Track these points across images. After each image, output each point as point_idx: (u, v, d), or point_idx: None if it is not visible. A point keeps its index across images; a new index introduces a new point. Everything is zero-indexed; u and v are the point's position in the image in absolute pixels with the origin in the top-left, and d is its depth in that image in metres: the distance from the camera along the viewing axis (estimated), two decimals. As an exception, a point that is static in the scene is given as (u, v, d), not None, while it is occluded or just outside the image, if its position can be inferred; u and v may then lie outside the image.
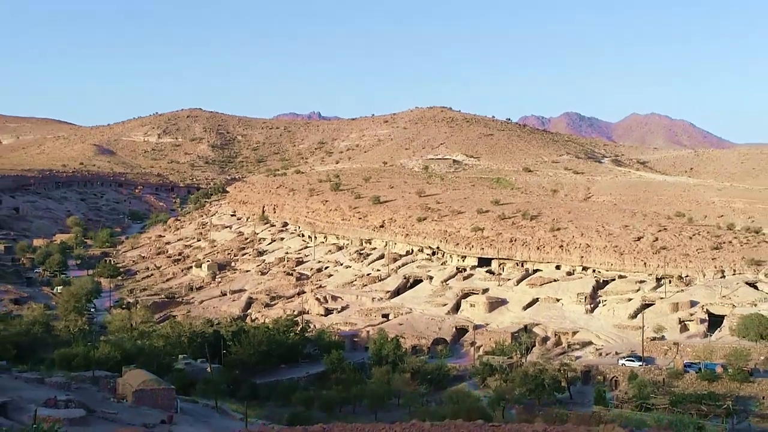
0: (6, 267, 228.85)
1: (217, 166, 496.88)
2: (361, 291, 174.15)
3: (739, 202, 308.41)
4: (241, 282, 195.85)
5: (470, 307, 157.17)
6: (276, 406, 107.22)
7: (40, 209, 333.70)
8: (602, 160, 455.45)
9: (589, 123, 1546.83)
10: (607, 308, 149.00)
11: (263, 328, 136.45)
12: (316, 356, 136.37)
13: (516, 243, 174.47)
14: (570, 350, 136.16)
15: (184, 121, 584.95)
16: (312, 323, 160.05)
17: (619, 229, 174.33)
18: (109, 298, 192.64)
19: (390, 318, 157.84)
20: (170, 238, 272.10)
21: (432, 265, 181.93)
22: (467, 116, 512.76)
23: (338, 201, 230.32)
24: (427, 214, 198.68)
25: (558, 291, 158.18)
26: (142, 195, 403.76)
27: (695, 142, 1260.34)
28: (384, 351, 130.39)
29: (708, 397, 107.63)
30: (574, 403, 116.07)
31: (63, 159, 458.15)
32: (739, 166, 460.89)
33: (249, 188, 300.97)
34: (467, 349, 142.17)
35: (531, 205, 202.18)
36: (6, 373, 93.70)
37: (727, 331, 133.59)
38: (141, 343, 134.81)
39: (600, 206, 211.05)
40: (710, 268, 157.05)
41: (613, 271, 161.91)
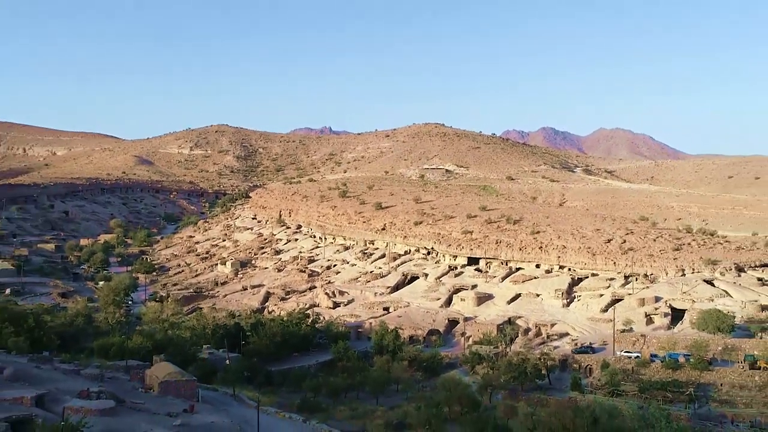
0: (56, 264, 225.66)
1: (241, 175, 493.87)
2: (365, 286, 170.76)
3: (694, 207, 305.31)
4: (260, 278, 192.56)
5: (461, 302, 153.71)
6: (288, 392, 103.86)
7: (87, 212, 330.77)
8: (575, 170, 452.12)
9: (563, 137, 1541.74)
10: (581, 303, 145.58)
11: (278, 321, 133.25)
12: (325, 345, 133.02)
13: (501, 244, 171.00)
14: (549, 341, 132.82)
15: (212, 135, 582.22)
16: (322, 315, 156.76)
17: (591, 232, 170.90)
18: (144, 292, 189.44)
19: (390, 311, 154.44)
20: (199, 238, 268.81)
21: (427, 264, 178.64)
22: (458, 131, 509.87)
23: (345, 206, 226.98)
24: (423, 218, 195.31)
25: (538, 287, 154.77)
26: (175, 200, 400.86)
27: (654, 153, 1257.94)
28: (385, 341, 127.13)
29: (672, 385, 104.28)
30: (553, 389, 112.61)
31: (108, 168, 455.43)
32: (693, 174, 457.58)
33: (268, 194, 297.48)
34: (458, 339, 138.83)
35: (514, 210, 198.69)
36: (48, 363, 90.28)
37: (688, 324, 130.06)
38: (171, 333, 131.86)
39: (574, 211, 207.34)
40: (672, 267, 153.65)
41: (587, 269, 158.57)
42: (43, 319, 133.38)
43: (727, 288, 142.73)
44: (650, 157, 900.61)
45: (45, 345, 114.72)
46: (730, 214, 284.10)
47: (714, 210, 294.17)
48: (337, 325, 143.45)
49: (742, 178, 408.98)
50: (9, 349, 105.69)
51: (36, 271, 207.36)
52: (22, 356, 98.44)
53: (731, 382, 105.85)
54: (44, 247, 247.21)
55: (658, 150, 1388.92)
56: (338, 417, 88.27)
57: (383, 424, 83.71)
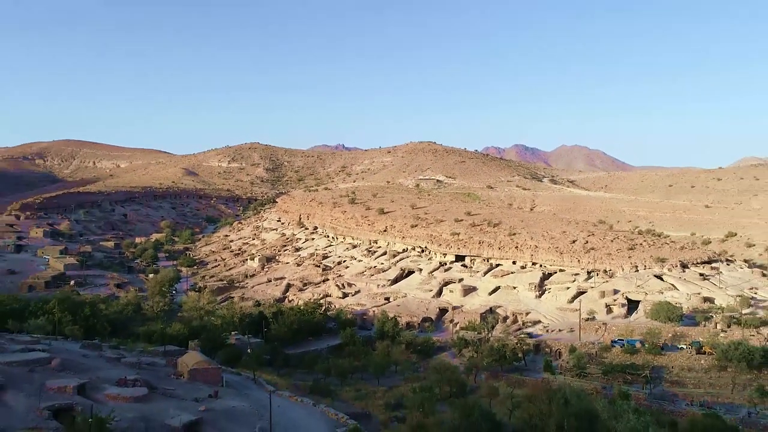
0: (114, 259, 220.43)
1: (270, 184, 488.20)
2: (370, 279, 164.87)
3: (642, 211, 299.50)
4: (282, 271, 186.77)
5: (450, 293, 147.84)
6: (302, 374, 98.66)
7: (142, 215, 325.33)
8: (543, 180, 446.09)
9: (532, 152, 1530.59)
10: (551, 294, 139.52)
11: (296, 309, 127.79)
12: (336, 330, 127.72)
13: (483, 244, 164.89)
14: (524, 327, 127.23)
15: (246, 151, 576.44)
16: (333, 304, 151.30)
17: (559, 234, 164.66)
18: (186, 282, 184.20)
19: (390, 300, 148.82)
20: (233, 237, 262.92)
21: (421, 260, 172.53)
22: (447, 148, 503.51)
23: (353, 211, 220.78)
24: (418, 222, 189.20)
25: (515, 281, 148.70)
26: (215, 205, 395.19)
27: (606, 165, 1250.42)
28: (385, 327, 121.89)
29: (630, 367, 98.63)
30: (528, 370, 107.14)
31: (160, 178, 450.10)
32: (640, 183, 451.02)
33: (291, 200, 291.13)
34: (447, 325, 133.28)
35: (494, 215, 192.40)
36: (96, 350, 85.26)
37: (642, 314, 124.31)
38: (205, 320, 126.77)
39: (544, 216, 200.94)
40: (627, 264, 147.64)
41: (555, 266, 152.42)
42: (99, 308, 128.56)
43: (674, 282, 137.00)
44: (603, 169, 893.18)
45: (98, 331, 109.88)
46: (671, 217, 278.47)
47: (659, 213, 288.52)
48: (345, 312, 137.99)
49: (680, 186, 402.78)
50: (66, 335, 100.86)
51: (97, 265, 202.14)
52: (76, 342, 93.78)
53: (681, 365, 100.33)
54: (105, 244, 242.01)
55: (609, 162, 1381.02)
56: (344, 398, 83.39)
57: (383, 405, 79.08)
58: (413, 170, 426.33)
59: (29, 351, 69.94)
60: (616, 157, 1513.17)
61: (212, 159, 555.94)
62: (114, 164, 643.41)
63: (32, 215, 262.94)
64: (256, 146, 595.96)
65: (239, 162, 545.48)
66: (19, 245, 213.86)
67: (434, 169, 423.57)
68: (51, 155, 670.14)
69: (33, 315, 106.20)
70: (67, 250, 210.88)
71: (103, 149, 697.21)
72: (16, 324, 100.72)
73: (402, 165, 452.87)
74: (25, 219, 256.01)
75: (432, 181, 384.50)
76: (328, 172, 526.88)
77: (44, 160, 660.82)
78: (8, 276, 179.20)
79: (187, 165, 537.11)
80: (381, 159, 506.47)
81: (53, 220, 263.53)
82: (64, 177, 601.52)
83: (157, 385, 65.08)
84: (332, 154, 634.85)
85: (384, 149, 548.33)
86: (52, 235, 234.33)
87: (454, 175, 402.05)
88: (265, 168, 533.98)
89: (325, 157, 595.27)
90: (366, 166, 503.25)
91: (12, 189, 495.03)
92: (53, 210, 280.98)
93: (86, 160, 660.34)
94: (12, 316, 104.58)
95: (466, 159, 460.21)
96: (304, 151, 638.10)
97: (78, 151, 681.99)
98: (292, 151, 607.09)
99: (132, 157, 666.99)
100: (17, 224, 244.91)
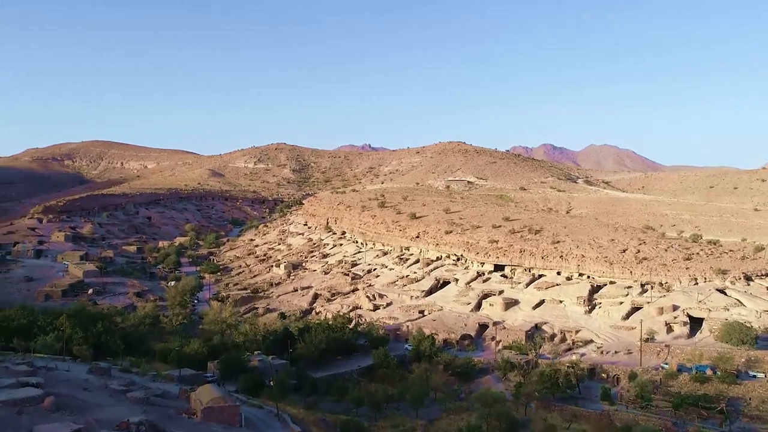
0: (136, 264, 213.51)
1: (296, 185, 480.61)
2: (402, 290, 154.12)
3: (686, 215, 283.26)
4: (309, 280, 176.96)
5: (489, 306, 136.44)
6: (331, 402, 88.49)
7: (167, 218, 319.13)
8: (577, 180, 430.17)
9: (560, 151, 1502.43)
10: (603, 310, 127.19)
11: (324, 325, 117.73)
12: (366, 348, 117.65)
13: (524, 253, 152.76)
14: (575, 347, 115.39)
15: (273, 152, 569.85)
16: (363, 317, 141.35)
17: (607, 242, 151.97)
18: (209, 290, 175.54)
19: (425, 314, 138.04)
20: (258, 242, 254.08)
21: (457, 270, 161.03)
22: (477, 148, 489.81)
23: (383, 216, 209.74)
24: (453, 228, 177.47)
25: (560, 294, 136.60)
26: (241, 206, 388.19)
27: (637, 165, 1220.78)
28: (422, 347, 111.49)
29: (703, 399, 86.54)
30: (583, 398, 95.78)
31: (186, 180, 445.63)
32: (678, 185, 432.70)
33: (318, 203, 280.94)
34: (488, 343, 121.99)
35: (534, 221, 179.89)
36: (102, 376, 76.42)
37: (708, 334, 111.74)
38: (226, 336, 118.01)
39: (588, 222, 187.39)
40: (685, 276, 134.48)
41: (605, 277, 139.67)
42: (114, 321, 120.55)
43: (740, 297, 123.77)
44: (634, 169, 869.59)
45: (111, 350, 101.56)
46: (719, 221, 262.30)
47: (704, 217, 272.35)
48: (377, 328, 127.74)
49: (722, 188, 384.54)
50: (74, 356, 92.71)
51: (118, 271, 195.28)
52: (83, 364, 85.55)
53: (760, 397, 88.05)
54: (127, 249, 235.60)
55: (640, 162, 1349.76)
56: (380, 436, 73.02)
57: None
58: (443, 171, 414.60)
59: (21, 386, 60.82)
60: (647, 157, 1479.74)
61: (238, 160, 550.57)
62: (141, 165, 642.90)
63: (55, 218, 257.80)
64: (283, 147, 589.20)
65: (265, 163, 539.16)
66: (39, 250, 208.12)
67: (464, 170, 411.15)
68: (79, 156, 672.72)
69: (42, 331, 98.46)
70: (88, 256, 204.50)
71: (130, 150, 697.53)
72: (21, 343, 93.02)
73: (431, 166, 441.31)
74: (47, 222, 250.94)
75: (463, 182, 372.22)
76: (356, 173, 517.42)
77: (73, 161, 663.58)
78: (25, 283, 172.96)
79: (213, 166, 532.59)
80: (409, 159, 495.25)
81: (76, 223, 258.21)
82: (92, 178, 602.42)
83: (165, 427, 55.60)
84: (359, 155, 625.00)
85: (412, 149, 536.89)
86: (74, 239, 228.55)
87: (485, 176, 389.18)
88: (292, 169, 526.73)
89: (352, 157, 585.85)
90: (394, 167, 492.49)
91: (41, 190, 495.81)
92: (76, 213, 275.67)
93: (114, 161, 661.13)
94: (19, 334, 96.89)
95: (497, 159, 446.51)
96: (331, 152, 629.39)
97: (106, 152, 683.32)
98: (318, 152, 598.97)
99: (159, 158, 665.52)
100: (39, 228, 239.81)
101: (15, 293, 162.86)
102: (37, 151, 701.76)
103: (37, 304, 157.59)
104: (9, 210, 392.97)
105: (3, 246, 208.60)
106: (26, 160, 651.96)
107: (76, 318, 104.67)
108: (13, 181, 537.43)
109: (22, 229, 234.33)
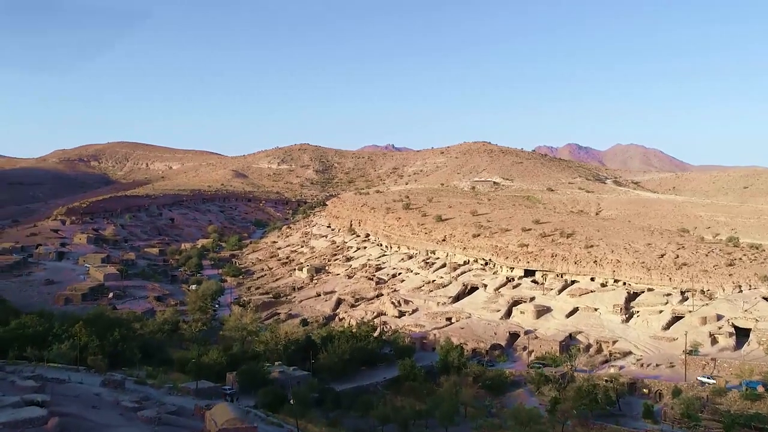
0: (157, 267, 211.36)
1: (319, 186, 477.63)
2: (428, 296, 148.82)
3: (722, 216, 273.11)
4: (332, 284, 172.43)
5: (520, 314, 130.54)
6: (356, 418, 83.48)
7: (190, 219, 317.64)
8: (606, 181, 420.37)
9: (586, 151, 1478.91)
10: (641, 319, 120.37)
11: (347, 333, 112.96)
12: (391, 358, 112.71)
13: (556, 258, 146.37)
14: (612, 359, 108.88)
15: (296, 152, 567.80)
16: (388, 324, 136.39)
17: (643, 247, 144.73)
18: (230, 294, 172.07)
19: (453, 321, 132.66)
20: (281, 244, 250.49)
21: (485, 275, 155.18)
22: (502, 148, 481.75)
23: (408, 218, 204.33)
24: (481, 231, 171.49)
25: (595, 301, 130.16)
26: (264, 207, 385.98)
27: (664, 164, 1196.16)
28: (450, 357, 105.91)
29: (757, 419, 79.79)
30: (623, 416, 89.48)
31: (209, 181, 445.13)
32: (711, 185, 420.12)
33: (341, 204, 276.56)
34: (520, 354, 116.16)
35: (565, 224, 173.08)
36: (116, 390, 72.39)
37: (756, 345, 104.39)
38: (249, 339, 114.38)
39: (623, 225, 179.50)
40: (728, 283, 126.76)
41: (642, 284, 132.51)
42: (132, 328, 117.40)
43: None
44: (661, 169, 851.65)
45: (127, 358, 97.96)
46: (757, 223, 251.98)
47: (741, 219, 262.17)
48: (402, 336, 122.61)
49: (757, 188, 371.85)
50: (89, 366, 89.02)
51: (139, 274, 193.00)
52: (97, 376, 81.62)
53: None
54: (150, 251, 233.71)
55: (667, 162, 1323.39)
56: (408, 460, 67.83)
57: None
58: (468, 172, 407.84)
59: (25, 406, 56.71)
60: (675, 156, 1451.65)
61: (262, 160, 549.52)
62: (166, 166, 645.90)
63: (78, 220, 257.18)
64: (306, 147, 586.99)
65: (289, 163, 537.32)
66: (61, 252, 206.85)
67: (490, 170, 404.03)
68: (105, 157, 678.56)
69: (57, 339, 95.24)
70: (110, 258, 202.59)
71: (155, 151, 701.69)
72: (35, 352, 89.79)
73: (456, 166, 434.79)
74: (70, 224, 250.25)
75: (488, 183, 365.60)
76: (379, 173, 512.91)
77: (99, 162, 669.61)
78: (46, 286, 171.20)
79: (236, 167, 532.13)
80: (434, 160, 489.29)
81: (99, 225, 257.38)
82: (117, 179, 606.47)
83: (177, 451, 51.18)
84: (383, 155, 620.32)
85: (437, 150, 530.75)
86: (96, 242, 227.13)
87: (512, 176, 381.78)
88: (315, 170, 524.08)
89: (375, 158, 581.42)
90: (418, 168, 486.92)
91: (67, 191, 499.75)
92: (99, 214, 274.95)
93: (139, 162, 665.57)
94: (34, 341, 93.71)
95: (523, 159, 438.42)
96: (355, 152, 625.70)
97: (131, 153, 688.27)
98: (342, 152, 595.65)
99: (184, 159, 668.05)
100: (62, 230, 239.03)
101: (35, 296, 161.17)
102: (64, 152, 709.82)
103: (57, 308, 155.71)
104: (35, 211, 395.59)
105: (26, 248, 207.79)
106: (53, 161, 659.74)
107: (94, 324, 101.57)
108: (40, 182, 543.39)
109: (45, 231, 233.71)
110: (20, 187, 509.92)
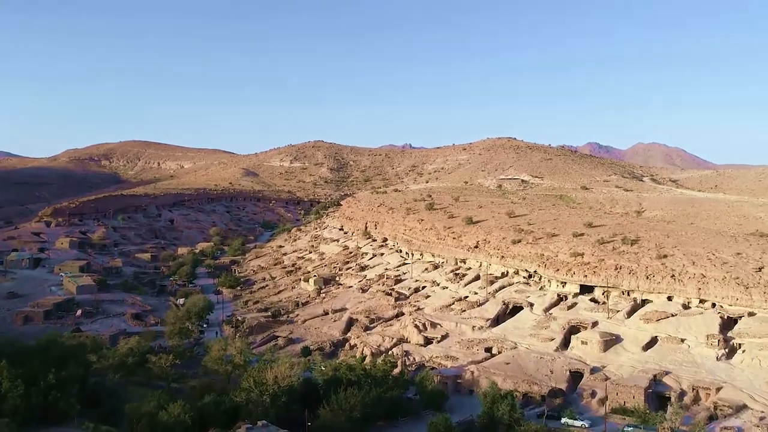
0: (145, 275, 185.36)
1: (334, 185, 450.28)
2: (460, 317, 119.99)
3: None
4: (343, 299, 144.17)
5: (581, 345, 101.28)
6: None
7: (191, 221, 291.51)
8: (643, 179, 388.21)
9: (606, 150, 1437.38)
10: (749, 356, 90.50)
11: (359, 373, 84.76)
12: (417, 407, 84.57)
13: (622, 270, 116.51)
14: (719, 414, 79.30)
15: (309, 150, 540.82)
16: (411, 354, 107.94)
17: (732, 258, 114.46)
18: (221, 311, 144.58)
19: (493, 352, 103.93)
20: (287, 249, 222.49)
21: (530, 290, 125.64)
22: (529, 144, 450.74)
23: (433, 220, 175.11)
24: (521, 236, 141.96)
25: (679, 329, 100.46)
26: (274, 207, 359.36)
27: (687, 163, 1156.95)
28: (498, 411, 76.90)
29: None
30: None
31: (218, 180, 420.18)
32: (757, 183, 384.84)
33: (356, 204, 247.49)
34: (587, 401, 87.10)
35: (625, 228, 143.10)
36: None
37: None
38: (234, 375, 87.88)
39: (701, 231, 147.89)
40: None
41: (739, 306, 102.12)
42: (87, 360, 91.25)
43: None
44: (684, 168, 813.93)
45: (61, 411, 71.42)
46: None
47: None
48: (430, 375, 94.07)
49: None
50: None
51: (121, 285, 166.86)
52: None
53: None
54: (141, 256, 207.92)
55: (690, 161, 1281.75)
56: None
57: None
58: (493, 169, 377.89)
59: None
60: (696, 154, 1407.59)
61: (274, 158, 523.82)
62: (178, 165, 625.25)
63: (64, 222, 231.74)
64: (320, 144, 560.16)
65: (302, 161, 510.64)
66: (38, 258, 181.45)
67: (517, 167, 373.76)
68: (117, 156, 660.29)
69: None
70: (90, 266, 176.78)
71: (167, 150, 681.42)
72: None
73: (480, 163, 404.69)
74: (55, 226, 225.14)
75: (516, 181, 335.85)
76: (397, 171, 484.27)
77: (110, 162, 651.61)
78: (8, 300, 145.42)
79: (247, 165, 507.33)
80: (456, 157, 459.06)
81: (88, 228, 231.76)
82: (128, 178, 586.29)
83: None
84: (401, 153, 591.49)
85: (458, 146, 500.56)
86: (80, 246, 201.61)
87: (541, 174, 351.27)
88: (329, 168, 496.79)
89: (393, 155, 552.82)
90: (439, 165, 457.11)
91: (75, 191, 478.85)
92: (90, 215, 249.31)
93: (151, 161, 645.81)
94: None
95: (552, 156, 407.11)
96: (371, 150, 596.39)
97: (143, 152, 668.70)
98: (358, 150, 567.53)
99: (196, 158, 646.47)
100: (45, 233, 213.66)
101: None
102: (75, 151, 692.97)
103: (14, 328, 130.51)
104: (34, 212, 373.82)
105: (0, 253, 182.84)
106: (64, 160, 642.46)
107: (41, 355, 76.55)
108: (47, 181, 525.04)
109: (25, 235, 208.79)
110: (26, 187, 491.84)
